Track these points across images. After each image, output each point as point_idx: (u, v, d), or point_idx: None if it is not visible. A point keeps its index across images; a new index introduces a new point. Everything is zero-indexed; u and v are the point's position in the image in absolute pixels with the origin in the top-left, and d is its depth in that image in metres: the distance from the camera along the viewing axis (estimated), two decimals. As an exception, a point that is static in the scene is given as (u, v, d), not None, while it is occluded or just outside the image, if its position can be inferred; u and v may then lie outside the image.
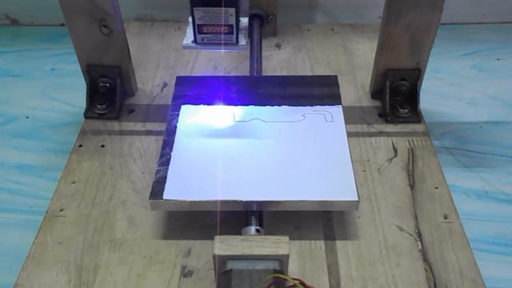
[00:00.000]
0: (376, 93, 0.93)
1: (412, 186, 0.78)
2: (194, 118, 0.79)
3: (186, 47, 0.70)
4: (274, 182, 0.69)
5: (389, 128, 0.88)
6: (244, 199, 0.67)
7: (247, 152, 0.73)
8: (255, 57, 0.94)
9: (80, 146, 0.85)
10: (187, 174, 0.70)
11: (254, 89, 0.84)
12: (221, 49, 0.69)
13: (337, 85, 0.84)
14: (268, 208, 0.68)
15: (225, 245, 0.61)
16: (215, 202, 0.67)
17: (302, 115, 0.79)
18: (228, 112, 0.80)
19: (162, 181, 0.69)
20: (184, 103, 0.81)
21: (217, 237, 0.62)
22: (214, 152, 0.73)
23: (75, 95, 0.97)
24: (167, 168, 0.71)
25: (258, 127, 0.77)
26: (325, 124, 0.77)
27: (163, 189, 0.68)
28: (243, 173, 0.70)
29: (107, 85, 0.91)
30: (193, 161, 0.72)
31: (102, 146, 0.85)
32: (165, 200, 0.67)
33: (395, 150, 0.84)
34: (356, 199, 0.67)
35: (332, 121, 0.78)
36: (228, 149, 0.74)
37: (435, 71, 1.04)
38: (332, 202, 0.67)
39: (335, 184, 0.68)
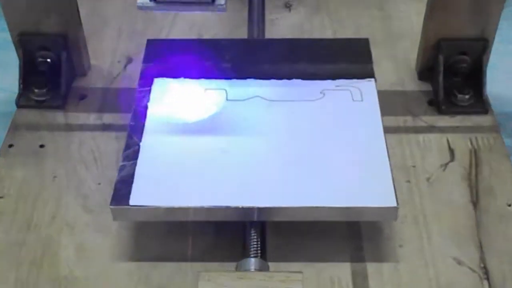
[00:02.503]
0: (425, 72, 0.93)
1: (475, 202, 0.78)
2: (171, 95, 0.80)
3: (142, 7, 0.70)
4: (281, 182, 0.69)
5: (443, 121, 0.88)
6: (241, 205, 0.67)
7: (244, 142, 0.74)
8: (256, 21, 0.94)
9: (10, 146, 0.85)
10: (162, 172, 0.71)
11: (255, 57, 0.85)
12: (191, 10, 0.69)
13: (369, 52, 0.85)
14: (273, 218, 0.69)
15: (213, 284, 0.61)
16: (201, 209, 0.67)
17: (321, 92, 0.79)
18: (218, 88, 0.80)
19: (128, 180, 0.69)
20: (157, 76, 0.82)
21: (202, 274, 0.62)
22: (199, 142, 0.74)
23: (3, 75, 0.97)
24: (135, 163, 0.71)
25: (260, 109, 0.78)
26: (351, 104, 0.78)
27: (129, 192, 0.68)
28: (240, 170, 0.70)
29: (48, 61, 0.90)
30: (171, 154, 0.73)
31: (41, 146, 0.85)
32: (132, 206, 0.67)
33: (452, 152, 0.84)
34: (394, 204, 0.67)
35: (362, 100, 0.78)
36: (218, 139, 0.74)
37: (508, 41, 1.03)
38: (360, 210, 0.67)
39: (364, 185, 0.69)
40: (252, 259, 0.67)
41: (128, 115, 0.81)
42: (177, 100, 0.79)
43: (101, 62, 0.97)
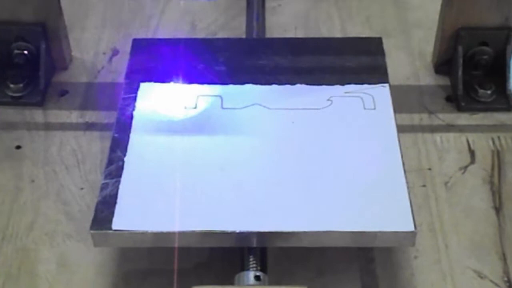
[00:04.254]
0: (443, 65, 0.93)
1: (498, 209, 0.79)
2: (159, 103, 0.79)
3: None
4: (283, 204, 0.69)
5: (463, 119, 0.88)
6: (238, 230, 0.67)
7: (241, 157, 0.73)
8: (255, 9, 0.94)
9: (-16, 147, 0.86)
10: (149, 192, 0.70)
11: (253, 59, 0.85)
12: None
13: (382, 53, 0.85)
14: (275, 244, 0.68)
15: (208, 300, 0.61)
16: (192, 234, 0.67)
17: (328, 99, 0.79)
18: (212, 95, 0.80)
19: (111, 201, 0.69)
20: (144, 81, 0.82)
21: (195, 289, 0.62)
22: (190, 157, 0.73)
23: (-25, 68, 0.97)
24: (119, 181, 0.71)
25: (260, 118, 0.77)
26: (363, 113, 0.77)
27: (112, 214, 0.68)
28: (236, 189, 0.70)
29: (25, 52, 0.91)
30: (159, 171, 0.72)
31: (18, 147, 0.85)
32: (116, 231, 0.67)
33: (472, 153, 0.84)
34: (412, 229, 0.67)
35: (374, 109, 0.78)
36: (212, 153, 0.74)
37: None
38: (374, 234, 0.67)
39: (378, 206, 0.68)
40: (251, 272, 0.67)
41: (114, 113, 0.81)
42: (166, 108, 0.79)
43: (84, 54, 0.97)
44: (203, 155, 0.73)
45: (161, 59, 0.84)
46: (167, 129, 0.76)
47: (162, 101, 0.80)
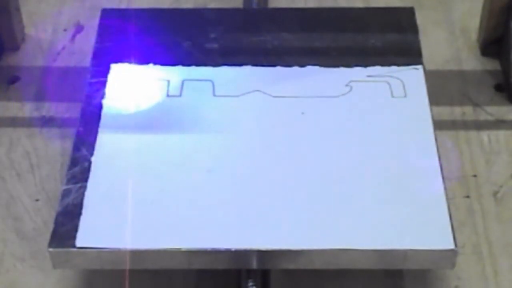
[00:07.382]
0: (491, 45, 0.93)
1: (560, 225, 0.79)
2: (134, 90, 0.80)
3: None
4: (290, 215, 0.69)
5: (517, 113, 0.89)
6: (233, 248, 0.67)
7: (238, 158, 0.74)
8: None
9: None
10: (120, 200, 0.70)
11: (253, 35, 0.85)
12: None
13: (415, 28, 0.85)
14: (280, 266, 0.69)
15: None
16: (176, 253, 0.67)
17: (347, 85, 0.79)
18: (201, 79, 0.80)
19: (74, 211, 0.69)
20: (115, 62, 0.82)
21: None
22: (172, 157, 0.74)
23: None
24: (84, 187, 0.71)
25: (260, 108, 0.78)
26: (391, 103, 0.78)
27: (76, 228, 0.68)
28: (231, 198, 0.70)
29: (-33, 29, 0.92)
30: (133, 174, 0.72)
31: (-43, 147, 0.86)
32: (80, 249, 0.67)
33: (528, 156, 0.85)
34: (451, 247, 0.67)
35: (405, 97, 0.78)
36: (201, 152, 0.74)
37: None
38: (403, 254, 0.67)
39: (409, 220, 0.68)
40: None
41: (77, 105, 0.81)
42: (143, 97, 0.79)
43: (40, 31, 0.97)
44: (189, 154, 0.74)
45: (136, 35, 0.84)
46: (144, 122, 0.77)
47: (138, 88, 0.80)
